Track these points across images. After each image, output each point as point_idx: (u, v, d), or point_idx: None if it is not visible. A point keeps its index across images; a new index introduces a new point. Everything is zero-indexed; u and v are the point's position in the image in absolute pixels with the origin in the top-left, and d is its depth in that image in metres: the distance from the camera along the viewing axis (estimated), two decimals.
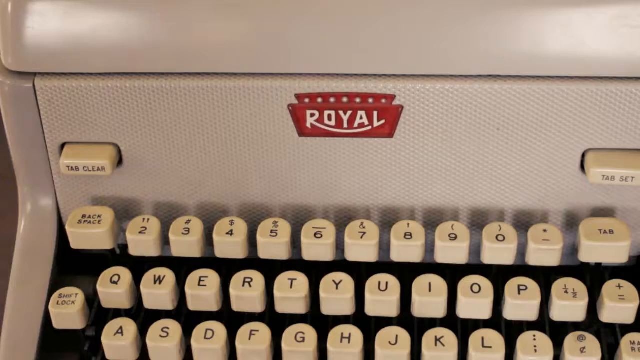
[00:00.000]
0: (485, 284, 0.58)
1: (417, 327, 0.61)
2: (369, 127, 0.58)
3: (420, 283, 0.58)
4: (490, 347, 0.57)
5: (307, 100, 0.57)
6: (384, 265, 0.61)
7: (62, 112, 0.59)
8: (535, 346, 0.57)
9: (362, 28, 0.55)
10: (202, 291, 0.59)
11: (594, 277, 0.62)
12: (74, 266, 0.65)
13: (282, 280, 0.59)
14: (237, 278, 0.59)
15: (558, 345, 0.58)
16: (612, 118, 0.56)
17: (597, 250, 0.58)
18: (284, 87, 0.57)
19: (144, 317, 0.62)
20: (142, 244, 0.60)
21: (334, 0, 0.55)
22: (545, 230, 0.58)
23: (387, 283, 0.58)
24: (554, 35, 0.54)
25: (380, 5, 0.55)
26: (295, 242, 0.61)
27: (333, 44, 0.56)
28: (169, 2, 0.56)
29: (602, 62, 0.55)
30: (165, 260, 0.62)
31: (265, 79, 0.57)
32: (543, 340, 0.57)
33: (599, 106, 0.56)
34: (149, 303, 0.60)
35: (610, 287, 0.58)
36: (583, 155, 0.58)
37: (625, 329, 0.59)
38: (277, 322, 0.60)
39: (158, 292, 0.59)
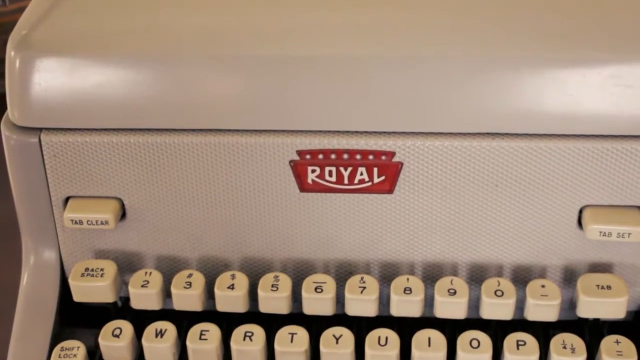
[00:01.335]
0: (484, 339, 0.58)
1: None
2: (369, 183, 0.59)
3: (420, 338, 0.59)
4: None
5: (308, 156, 0.58)
6: (384, 319, 0.61)
7: (67, 166, 0.60)
8: None
9: (363, 86, 0.56)
10: (203, 345, 0.59)
11: (593, 332, 0.62)
12: (75, 318, 0.65)
13: (282, 334, 0.59)
14: (238, 332, 0.60)
15: None
16: (608, 175, 0.57)
17: (595, 305, 0.59)
18: (285, 144, 0.58)
19: None
20: (144, 297, 0.61)
21: (335, 58, 0.56)
22: (543, 286, 0.59)
23: (387, 338, 0.59)
24: (551, 95, 0.55)
25: (380, 63, 0.56)
26: (296, 296, 0.62)
27: (334, 102, 0.57)
28: (172, 60, 0.57)
29: (598, 121, 0.56)
30: (166, 313, 0.62)
31: (267, 136, 0.58)
32: None
33: (596, 163, 0.57)
34: (150, 356, 0.60)
35: (608, 343, 0.58)
36: (580, 212, 0.59)
37: None
38: None
39: (159, 345, 0.60)
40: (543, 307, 0.58)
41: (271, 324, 0.62)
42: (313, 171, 0.58)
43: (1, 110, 0.61)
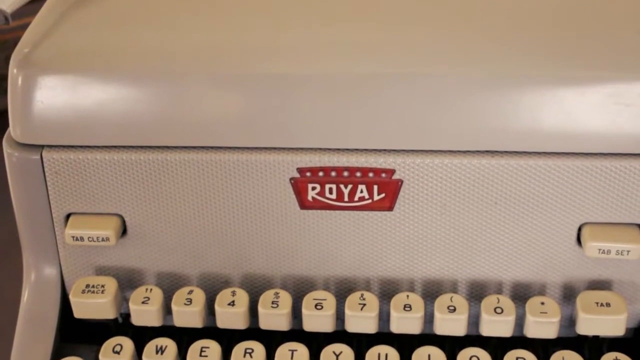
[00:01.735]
0: (484, 356, 0.58)
1: None
2: (369, 201, 0.59)
3: (420, 355, 0.59)
4: None
5: (308, 173, 0.58)
6: (384, 335, 0.61)
7: (68, 183, 0.60)
8: None
9: (363, 104, 0.56)
10: None
11: (592, 349, 0.62)
12: (76, 334, 0.65)
13: (283, 351, 0.59)
14: (239, 349, 0.60)
15: None
16: (607, 193, 0.57)
17: (594, 323, 0.59)
18: (286, 161, 0.58)
19: None
20: (144, 314, 0.61)
21: (335, 76, 0.56)
22: (542, 303, 0.59)
23: (386, 355, 0.59)
24: (550, 113, 0.56)
25: (380, 81, 0.56)
26: (296, 313, 0.62)
27: (334, 120, 0.57)
28: (173, 78, 0.57)
29: (597, 139, 0.56)
30: (167, 330, 0.62)
31: (268, 153, 0.58)
32: None
33: (594, 181, 0.57)
34: None
35: None
36: (579, 229, 0.59)
37: None
38: None
39: None
40: (543, 324, 0.59)
41: (271, 340, 0.62)
42: (313, 188, 0.59)
43: (2, 127, 0.61)
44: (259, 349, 0.60)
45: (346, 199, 0.59)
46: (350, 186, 0.58)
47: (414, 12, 0.61)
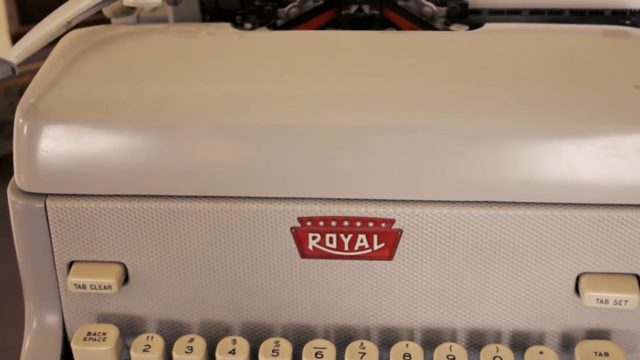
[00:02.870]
0: None
1: None
2: (369, 250, 0.59)
3: None
4: None
5: (309, 223, 0.59)
6: None
7: (71, 231, 0.61)
8: None
9: (363, 154, 0.57)
10: None
11: None
12: None
13: None
14: None
15: None
16: (604, 243, 0.58)
17: None
18: (287, 211, 0.59)
19: None
20: None
21: (335, 127, 0.57)
22: (541, 353, 0.59)
23: None
24: (547, 164, 0.57)
25: (380, 132, 0.57)
26: None
27: (334, 170, 0.58)
28: (174, 128, 0.58)
29: (594, 190, 0.57)
30: None
31: (269, 203, 0.59)
32: None
33: (592, 231, 0.58)
34: None
35: None
36: (577, 279, 0.60)
37: None
38: None
39: None
40: None
41: None
42: (314, 238, 0.59)
43: (4, 171, 0.62)
44: None
45: (346, 248, 0.59)
46: (350, 235, 0.59)
47: (413, 65, 0.62)
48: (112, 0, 0.66)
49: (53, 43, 0.65)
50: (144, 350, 0.61)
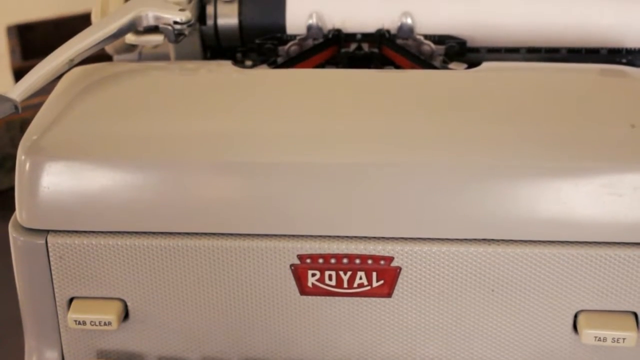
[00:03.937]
0: None
1: None
2: (368, 287, 0.60)
3: None
4: None
5: (308, 260, 0.59)
6: None
7: (72, 267, 0.61)
8: None
9: (362, 193, 0.58)
10: None
11: None
12: None
13: None
14: None
15: None
16: (602, 281, 0.58)
17: None
18: (286, 248, 0.59)
19: None
20: None
21: (334, 165, 0.58)
22: None
23: None
24: (545, 202, 0.57)
25: (379, 170, 0.58)
26: None
27: (334, 208, 0.58)
28: (175, 165, 0.59)
29: (592, 228, 0.57)
30: None
31: (269, 240, 0.59)
32: None
33: (590, 269, 0.58)
34: None
35: None
36: (575, 316, 0.60)
37: None
38: None
39: None
40: None
41: None
42: (313, 275, 0.59)
43: (5, 205, 0.62)
44: None
45: (345, 285, 0.60)
46: (349, 273, 0.59)
47: (413, 102, 0.62)
48: (114, 38, 0.67)
49: (56, 79, 0.65)
50: None
